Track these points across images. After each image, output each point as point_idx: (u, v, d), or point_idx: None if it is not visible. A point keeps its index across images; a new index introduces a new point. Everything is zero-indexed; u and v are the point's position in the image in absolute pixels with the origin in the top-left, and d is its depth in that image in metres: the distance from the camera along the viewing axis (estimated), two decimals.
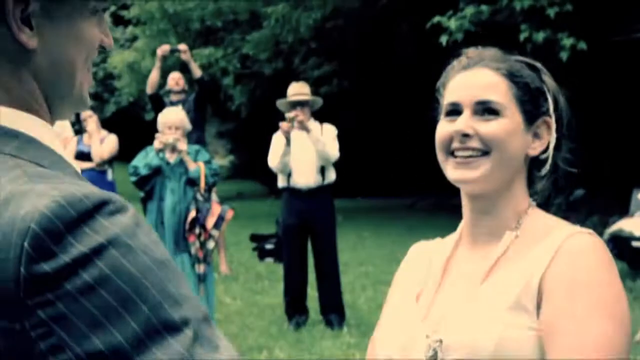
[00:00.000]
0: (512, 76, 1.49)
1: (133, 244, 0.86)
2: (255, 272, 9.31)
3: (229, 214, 6.22)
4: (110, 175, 8.48)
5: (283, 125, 6.54)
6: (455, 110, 1.50)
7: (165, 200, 6.00)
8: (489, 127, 1.46)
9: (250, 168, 21.04)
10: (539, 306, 1.36)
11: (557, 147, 1.53)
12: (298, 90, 6.80)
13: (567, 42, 9.63)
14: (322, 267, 6.82)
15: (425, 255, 1.63)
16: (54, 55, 1.00)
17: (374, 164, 17.00)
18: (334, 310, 6.75)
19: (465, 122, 1.48)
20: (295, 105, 6.68)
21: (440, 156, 1.51)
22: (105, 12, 1.07)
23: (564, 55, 9.61)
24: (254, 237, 10.89)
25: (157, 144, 5.97)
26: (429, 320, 1.48)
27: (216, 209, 6.04)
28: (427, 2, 11.46)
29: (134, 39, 17.01)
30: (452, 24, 10.04)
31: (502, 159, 1.46)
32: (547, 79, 1.55)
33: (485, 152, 1.47)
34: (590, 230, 1.43)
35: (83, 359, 0.82)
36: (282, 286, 7.04)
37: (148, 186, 6.03)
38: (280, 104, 6.86)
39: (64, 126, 8.46)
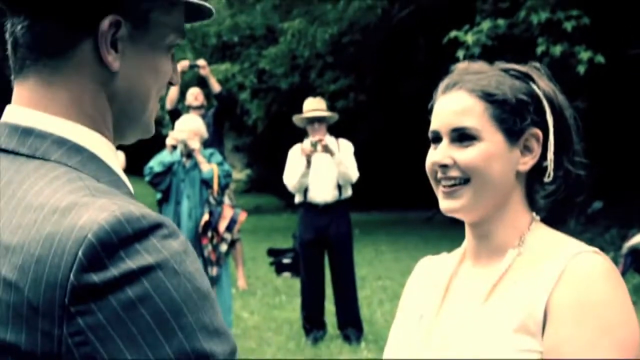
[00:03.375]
0: (487, 96, 1.44)
1: (179, 269, 0.88)
2: (272, 287, 9.31)
3: (242, 217, 6.24)
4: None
5: (305, 149, 6.54)
6: (436, 138, 1.49)
7: (181, 205, 6.04)
8: (465, 155, 1.43)
9: (267, 182, 21.07)
10: (544, 329, 1.33)
11: (565, 151, 1.47)
12: (314, 105, 6.81)
13: (585, 55, 9.60)
14: (340, 282, 6.81)
15: (430, 272, 1.61)
16: (132, 81, 1.03)
17: (391, 178, 16.98)
18: (351, 325, 6.73)
19: (443, 152, 1.46)
20: (312, 121, 6.70)
21: (432, 184, 1.50)
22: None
23: (581, 69, 9.58)
24: (271, 252, 10.90)
25: (169, 140, 6.05)
26: (432, 342, 1.46)
27: (228, 211, 6.07)
28: (444, 16, 11.48)
29: None
30: (469, 38, 10.04)
31: (484, 184, 1.43)
32: (542, 83, 1.49)
33: (466, 180, 1.44)
34: (596, 249, 1.38)
35: None
36: (300, 301, 7.03)
37: (163, 185, 6.08)
38: (296, 119, 6.87)
39: None
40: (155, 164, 6.12)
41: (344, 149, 6.76)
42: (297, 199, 6.86)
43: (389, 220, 15.98)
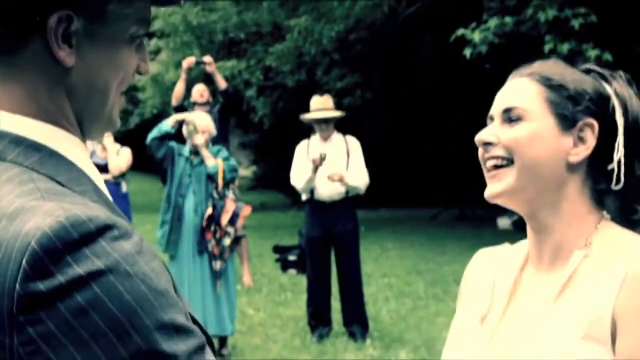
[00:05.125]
0: (544, 80, 1.42)
1: (132, 271, 0.86)
2: (278, 284, 9.32)
3: (245, 210, 6.26)
4: (124, 187, 8.59)
5: (315, 159, 6.54)
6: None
7: (187, 200, 6.08)
8: (510, 133, 1.41)
9: (273, 179, 21.07)
10: (613, 338, 1.28)
11: (636, 157, 1.42)
12: (322, 104, 6.81)
13: (592, 53, 9.57)
14: (345, 279, 6.81)
15: (491, 267, 1.55)
16: (90, 76, 1.00)
17: (397, 175, 16.97)
18: (357, 322, 6.73)
19: (489, 130, 1.44)
20: (319, 120, 6.70)
21: (484, 173, 1.46)
22: (144, 38, 1.08)
23: None
24: (276, 249, 10.90)
25: (172, 119, 6.13)
26: (496, 346, 1.42)
27: (230, 205, 6.09)
28: (451, 14, 11.45)
29: (158, 51, 17.13)
30: (476, 36, 10.01)
31: (527, 165, 1.38)
32: (616, 84, 1.45)
33: (510, 162, 1.40)
34: None
35: None
36: (305, 298, 7.03)
37: (159, 152, 6.12)
38: (303, 118, 6.88)
39: None
40: (154, 130, 6.19)
41: (352, 147, 6.76)
42: (304, 196, 6.86)
43: (395, 217, 15.97)
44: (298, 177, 6.74)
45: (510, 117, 1.42)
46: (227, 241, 6.08)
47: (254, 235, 11.91)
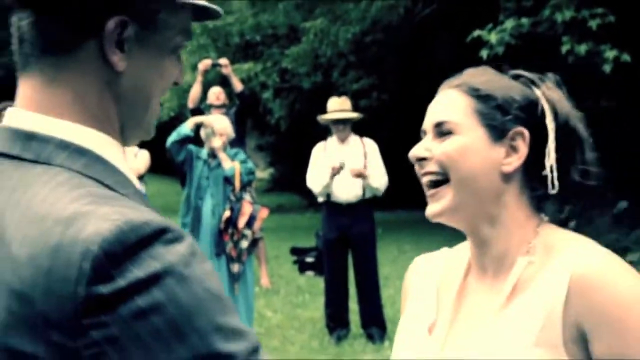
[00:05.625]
0: (472, 91, 1.41)
1: (188, 273, 0.88)
2: (296, 286, 9.33)
3: (263, 213, 6.27)
4: (142, 190, 8.60)
5: (334, 167, 6.55)
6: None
7: (204, 203, 6.11)
8: (441, 147, 1.40)
9: (290, 181, 21.09)
10: (565, 340, 1.28)
11: (572, 161, 1.42)
12: (340, 106, 6.82)
13: (610, 54, 9.51)
14: (363, 281, 6.81)
15: (431, 274, 1.55)
16: (137, 82, 1.03)
17: (414, 177, 16.92)
18: (375, 324, 6.73)
19: (422, 145, 1.43)
20: (336, 122, 6.71)
21: (424, 189, 1.45)
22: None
23: (606, 68, 9.48)
24: (294, 250, 10.91)
25: (190, 122, 6.16)
26: (446, 356, 1.42)
27: (247, 208, 6.10)
28: (467, 15, 11.43)
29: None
30: (493, 37, 9.98)
31: (462, 180, 1.37)
32: (546, 88, 1.44)
33: (445, 179, 1.39)
34: (599, 247, 1.34)
35: None
36: (323, 299, 7.04)
37: (179, 155, 6.14)
38: (321, 119, 6.89)
39: None
40: (174, 133, 6.22)
41: (370, 149, 6.76)
42: (320, 198, 6.87)
43: (412, 219, 15.93)
44: (314, 179, 6.75)
45: (441, 131, 1.42)
46: (244, 244, 6.10)
47: (272, 237, 11.92)
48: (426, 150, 1.42)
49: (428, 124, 1.45)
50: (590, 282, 1.28)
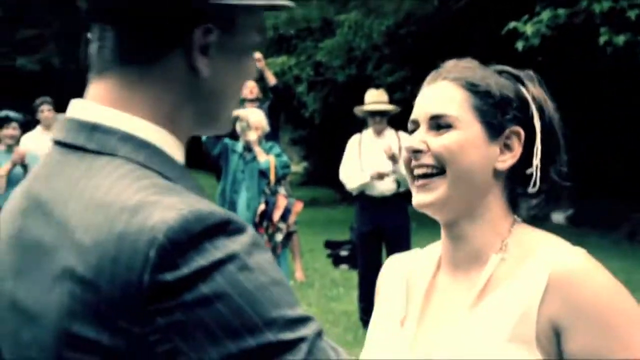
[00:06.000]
0: (470, 86, 1.41)
1: (250, 262, 0.90)
2: (330, 279, 9.34)
3: (297, 206, 6.29)
4: None
5: (374, 173, 6.55)
6: (415, 129, 1.45)
7: (239, 196, 6.14)
8: (440, 141, 1.39)
9: (324, 175, 21.11)
10: (539, 338, 1.29)
11: (552, 161, 1.43)
12: (377, 98, 6.81)
13: None
14: None
15: (401, 273, 1.55)
16: (217, 84, 1.05)
17: None
18: None
19: (418, 137, 1.42)
20: (373, 114, 6.70)
21: (408, 180, 1.45)
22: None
23: None
24: (328, 244, 10.92)
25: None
26: (416, 352, 1.41)
27: (282, 201, 6.13)
28: (502, 6, 11.32)
29: None
30: (528, 28, 9.87)
31: (459, 175, 1.37)
32: (532, 87, 1.45)
33: (441, 171, 1.39)
34: (577, 248, 1.35)
35: None
36: (357, 293, 7.04)
37: (215, 148, 6.16)
38: (358, 110, 6.88)
39: None
40: None
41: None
42: (355, 191, 6.87)
43: None
44: (348, 173, 6.74)
45: (439, 124, 1.40)
46: (279, 237, 6.12)
47: (306, 231, 11.95)
48: (423, 142, 1.41)
49: (422, 115, 1.43)
50: (570, 280, 1.29)
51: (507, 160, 1.40)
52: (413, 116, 1.45)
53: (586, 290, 1.28)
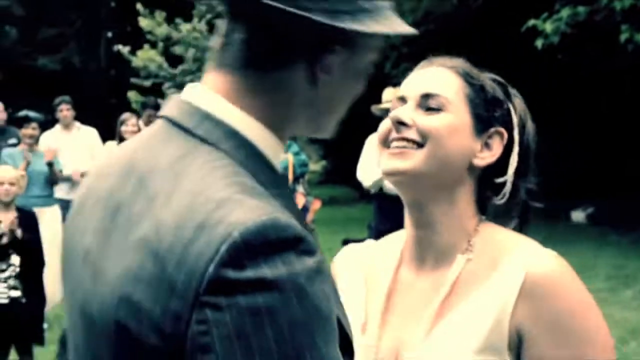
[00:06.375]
0: (467, 76, 1.40)
1: (308, 289, 0.90)
2: None
3: (315, 204, 6.30)
4: None
5: None
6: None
7: None
8: (429, 120, 1.35)
9: (342, 173, 21.12)
10: (511, 345, 1.25)
11: (523, 176, 1.41)
12: (394, 96, 6.79)
13: None
14: None
15: (358, 266, 1.50)
16: (332, 96, 1.08)
17: None
18: None
19: (405, 110, 1.38)
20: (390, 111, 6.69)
21: (378, 149, 1.40)
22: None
23: None
24: (346, 242, 10.89)
25: None
26: (381, 358, 1.36)
27: (300, 199, 6.13)
28: (521, 4, 11.27)
29: None
30: (548, 26, 9.83)
31: (438, 153, 1.33)
32: (517, 100, 1.44)
33: (420, 145, 1.34)
34: (550, 251, 1.31)
35: None
36: None
37: None
38: (375, 109, 6.88)
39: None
40: None
41: None
42: (372, 190, 6.87)
43: None
44: (365, 171, 6.74)
45: (429, 103, 1.37)
46: None
47: (324, 230, 11.96)
48: (410, 117, 1.37)
49: (412, 92, 1.40)
50: (544, 284, 1.25)
51: (485, 158, 1.37)
52: (401, 93, 1.42)
53: (559, 296, 1.25)
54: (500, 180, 1.39)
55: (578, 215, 13.69)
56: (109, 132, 8.26)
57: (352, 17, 1.02)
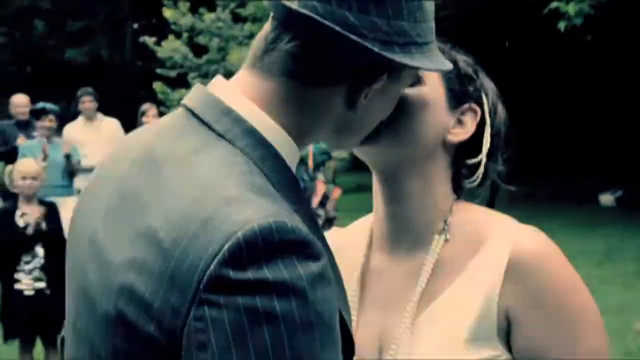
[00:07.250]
0: (440, 51, 1.31)
1: (309, 295, 0.89)
2: None
3: (336, 193, 6.33)
4: None
5: None
6: None
7: None
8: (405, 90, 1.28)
9: None
10: (500, 329, 1.20)
11: (494, 158, 1.37)
12: None
13: None
14: None
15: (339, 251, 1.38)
16: (365, 118, 1.10)
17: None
18: None
19: None
20: None
21: None
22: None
23: None
24: None
25: None
26: (363, 354, 1.29)
27: (321, 188, 6.16)
28: None
29: (251, 35, 17.37)
30: (570, 8, 9.71)
31: (412, 125, 1.27)
32: (487, 82, 1.40)
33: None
34: (532, 228, 1.26)
35: None
36: None
37: None
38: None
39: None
40: None
41: None
42: None
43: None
44: None
45: None
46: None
47: (351, 217, 11.87)
48: None
49: None
50: (529, 262, 1.20)
51: (458, 134, 1.32)
52: None
53: (545, 273, 1.20)
54: (473, 161, 1.35)
55: (607, 199, 13.58)
56: (136, 123, 8.35)
57: (402, 49, 1.02)
